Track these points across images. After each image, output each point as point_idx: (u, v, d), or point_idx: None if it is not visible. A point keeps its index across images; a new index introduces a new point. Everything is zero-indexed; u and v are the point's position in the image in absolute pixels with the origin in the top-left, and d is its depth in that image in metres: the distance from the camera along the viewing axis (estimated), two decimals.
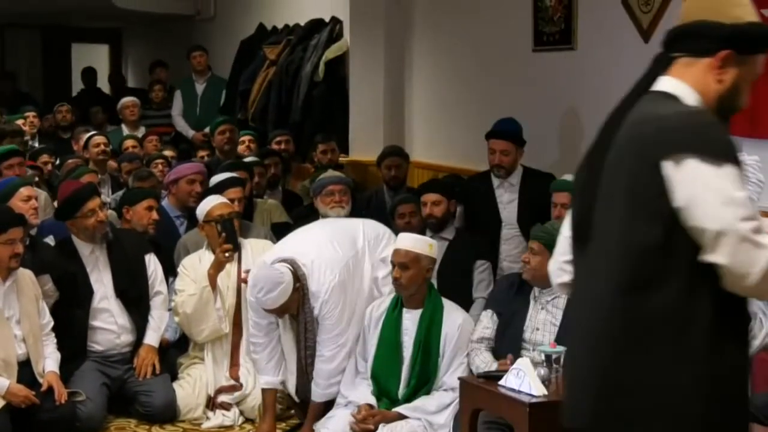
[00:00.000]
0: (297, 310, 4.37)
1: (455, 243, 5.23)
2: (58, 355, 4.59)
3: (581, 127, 5.60)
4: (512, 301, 4.13)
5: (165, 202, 5.72)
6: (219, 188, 5.33)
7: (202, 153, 7.04)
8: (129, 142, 7.70)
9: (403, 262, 4.23)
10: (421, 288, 4.28)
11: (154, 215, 5.26)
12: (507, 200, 5.44)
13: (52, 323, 4.62)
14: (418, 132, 7.13)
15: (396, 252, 4.26)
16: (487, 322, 4.18)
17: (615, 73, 5.30)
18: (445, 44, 6.80)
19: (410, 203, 5.37)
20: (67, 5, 10.88)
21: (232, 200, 5.20)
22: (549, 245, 3.58)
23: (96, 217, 4.77)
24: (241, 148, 7.21)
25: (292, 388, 4.54)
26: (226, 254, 4.82)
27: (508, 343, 4.06)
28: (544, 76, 5.84)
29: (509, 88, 6.15)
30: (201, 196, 5.44)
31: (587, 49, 5.53)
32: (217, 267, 4.86)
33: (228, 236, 4.83)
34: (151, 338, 4.89)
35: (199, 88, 8.97)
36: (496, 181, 5.51)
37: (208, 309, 4.82)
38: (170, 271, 5.17)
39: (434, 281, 4.55)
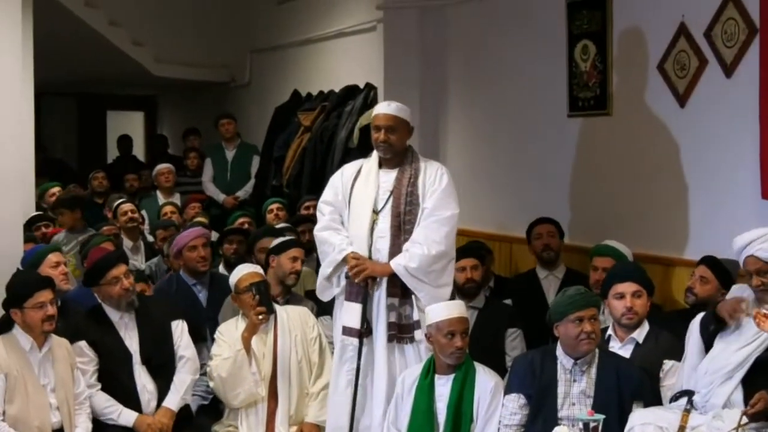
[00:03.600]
0: None
1: (485, 311, 5.31)
2: (89, 425, 4.65)
3: (617, 192, 5.64)
4: (539, 379, 4.14)
5: (182, 272, 5.81)
6: (281, 248, 5.45)
7: (242, 221, 7.10)
8: (168, 208, 7.81)
9: (466, 329, 4.31)
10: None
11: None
12: (553, 292, 5.53)
13: (86, 392, 4.71)
14: None
15: (456, 321, 4.31)
16: (515, 408, 4.15)
17: (651, 138, 5.36)
18: (479, 110, 6.89)
19: None
20: (104, 73, 11.14)
21: (295, 259, 5.36)
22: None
23: (121, 285, 4.85)
24: (269, 217, 7.29)
25: None
26: (260, 317, 4.88)
27: (543, 424, 4.06)
28: (580, 141, 5.90)
29: (544, 155, 6.21)
30: (208, 259, 5.63)
31: (623, 114, 5.59)
32: (251, 330, 4.91)
33: (261, 299, 4.91)
34: (170, 401, 4.91)
35: (229, 154, 9.09)
36: (542, 273, 5.70)
37: (243, 372, 4.86)
38: (197, 338, 5.23)
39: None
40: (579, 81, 5.84)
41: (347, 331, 4.66)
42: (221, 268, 6.29)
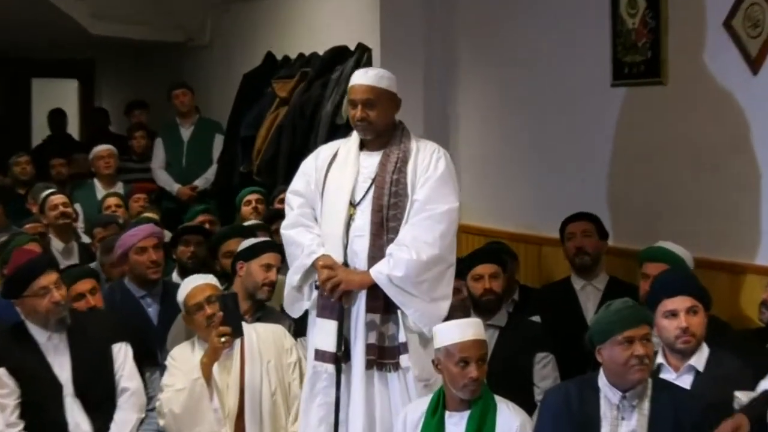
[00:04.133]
0: None
1: (508, 331, 5.31)
2: None
3: (673, 181, 5.63)
4: (576, 417, 4.12)
5: (127, 281, 5.81)
6: (251, 253, 5.44)
7: (202, 219, 7.08)
8: (109, 201, 7.80)
9: (483, 355, 4.27)
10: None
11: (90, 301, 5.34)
12: (592, 307, 5.55)
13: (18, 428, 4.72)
14: (466, 190, 7.18)
15: (471, 345, 4.28)
16: None
17: (716, 113, 5.35)
18: (499, 78, 6.90)
19: (458, 278, 5.44)
20: (28, 31, 11.10)
21: (269, 267, 5.35)
22: None
23: (50, 298, 4.82)
24: (245, 211, 7.30)
25: None
26: (222, 339, 4.84)
27: None
28: (626, 117, 5.89)
29: (580, 134, 6.22)
30: (161, 264, 5.64)
31: (680, 82, 5.58)
32: (212, 355, 4.89)
33: (227, 316, 4.87)
34: None
35: (185, 133, 9.11)
36: (578, 284, 5.72)
37: (201, 407, 4.83)
38: (145, 364, 5.24)
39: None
40: (625, 42, 5.83)
41: (320, 355, 4.65)
42: (175, 276, 6.27)
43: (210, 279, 5.17)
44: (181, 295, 5.09)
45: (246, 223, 6.70)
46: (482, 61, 7.03)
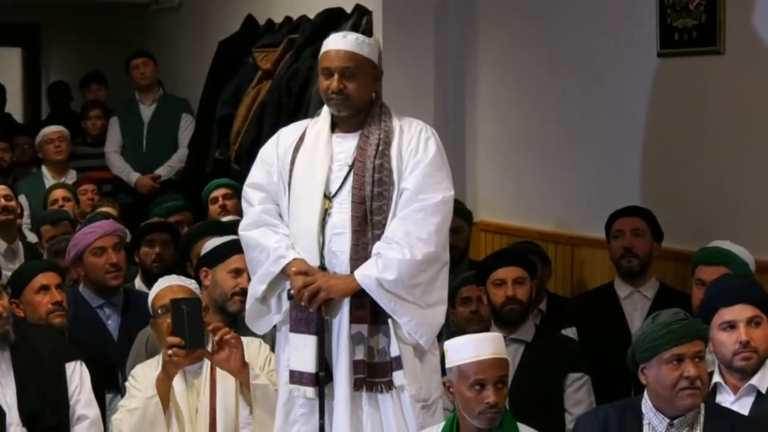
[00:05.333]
0: None
1: (536, 347, 5.33)
2: None
3: (735, 172, 5.64)
4: None
5: (82, 288, 5.84)
6: (216, 257, 5.46)
7: (178, 219, 7.06)
8: (58, 193, 7.82)
9: (503, 376, 4.26)
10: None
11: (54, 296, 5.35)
12: (639, 318, 5.55)
13: None
14: (485, 179, 7.21)
15: (488, 365, 4.28)
16: None
17: None
18: (525, 48, 6.92)
19: (476, 285, 5.49)
20: None
21: (239, 272, 5.35)
22: None
23: None
24: (213, 209, 7.30)
25: None
26: (169, 352, 4.78)
27: None
28: (676, 92, 5.92)
29: (621, 114, 6.24)
30: (122, 268, 5.70)
31: (740, 51, 5.59)
32: (166, 372, 4.86)
33: (178, 323, 4.82)
34: None
35: (146, 112, 9.14)
36: (623, 291, 5.72)
37: (155, 431, 4.85)
38: (104, 386, 5.28)
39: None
40: (675, 3, 5.85)
41: (296, 377, 4.63)
42: (138, 283, 6.29)
43: (187, 282, 5.18)
44: (150, 296, 5.10)
45: (225, 219, 6.69)
46: (506, 29, 7.04)
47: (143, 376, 5.00)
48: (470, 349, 4.31)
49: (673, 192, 5.98)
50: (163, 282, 5.13)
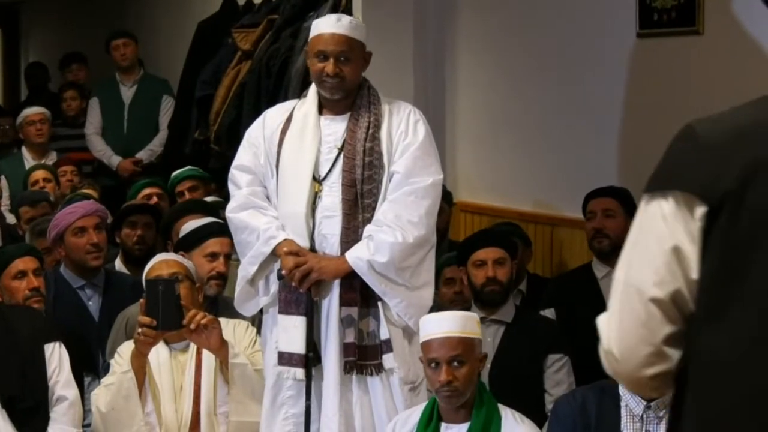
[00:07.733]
0: None
1: (516, 328, 5.34)
2: None
3: None
4: (594, 427, 4.16)
5: (63, 269, 5.83)
6: (192, 240, 5.45)
7: (150, 191, 7.03)
8: (39, 174, 7.83)
9: (456, 356, 4.26)
10: (473, 390, 4.34)
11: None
12: None
13: None
14: (464, 160, 7.21)
15: (439, 343, 4.28)
16: None
17: (759, 67, 5.36)
18: (502, 29, 6.91)
19: (456, 266, 5.49)
20: None
21: (214, 256, 5.36)
22: None
23: None
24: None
25: None
26: (139, 330, 4.74)
27: None
28: (655, 73, 5.92)
29: (601, 93, 6.23)
30: (103, 249, 5.72)
31: (719, 32, 5.59)
32: (138, 349, 4.84)
33: (150, 303, 4.75)
34: None
35: (127, 93, 9.11)
36: (600, 271, 5.74)
37: (130, 406, 4.81)
38: (84, 368, 5.28)
39: (485, 380, 4.59)
40: None
41: (286, 358, 4.66)
42: (118, 264, 6.27)
43: (177, 258, 5.18)
44: (145, 270, 5.09)
45: (208, 198, 6.66)
46: (485, 10, 7.03)
47: (128, 353, 4.96)
48: (429, 326, 4.35)
49: (651, 171, 5.96)
50: (160, 256, 5.17)
